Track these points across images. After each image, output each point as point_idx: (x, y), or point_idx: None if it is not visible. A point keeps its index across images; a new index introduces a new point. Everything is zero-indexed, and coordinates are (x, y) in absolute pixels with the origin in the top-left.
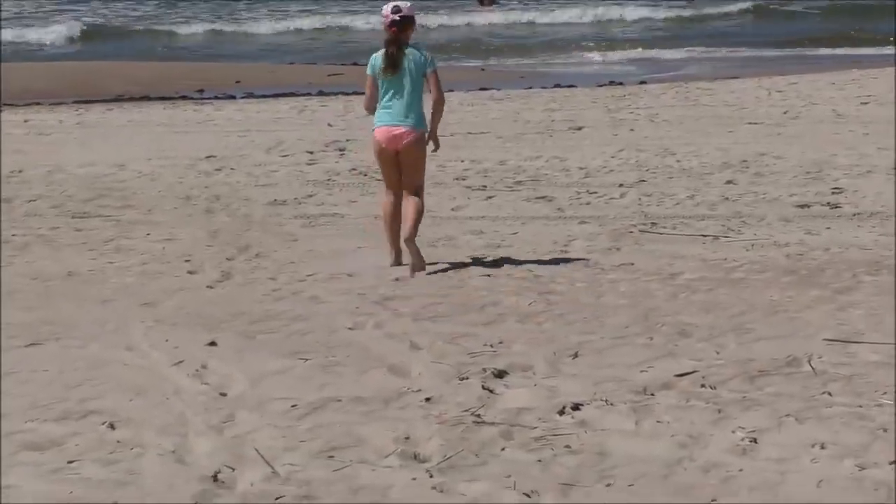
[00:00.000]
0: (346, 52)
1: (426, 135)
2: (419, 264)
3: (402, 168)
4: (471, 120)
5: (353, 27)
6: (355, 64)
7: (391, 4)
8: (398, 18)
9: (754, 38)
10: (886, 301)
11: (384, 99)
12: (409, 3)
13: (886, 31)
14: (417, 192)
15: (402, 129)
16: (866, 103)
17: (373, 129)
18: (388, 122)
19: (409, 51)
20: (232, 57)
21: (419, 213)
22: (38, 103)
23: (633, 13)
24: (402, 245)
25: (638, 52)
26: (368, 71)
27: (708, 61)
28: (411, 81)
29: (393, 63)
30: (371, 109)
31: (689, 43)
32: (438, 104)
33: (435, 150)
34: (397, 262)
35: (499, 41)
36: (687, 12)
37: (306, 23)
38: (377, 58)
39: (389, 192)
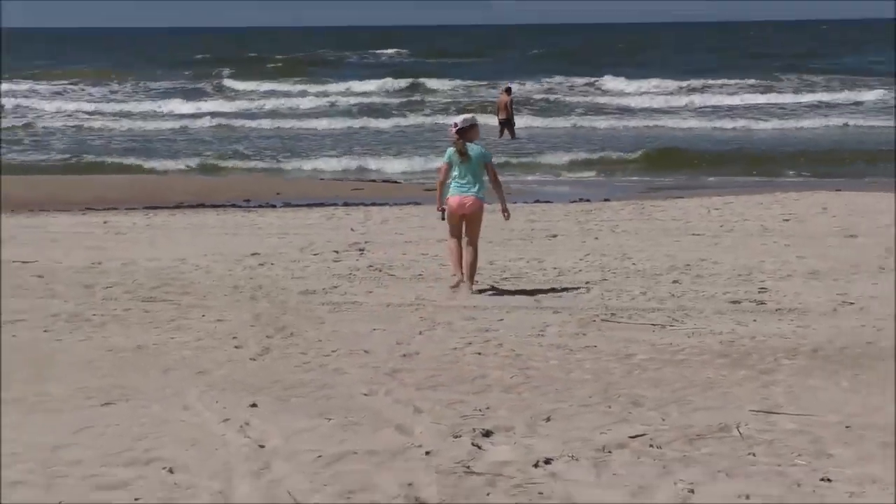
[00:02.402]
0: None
1: (484, 203)
2: (470, 288)
3: (467, 224)
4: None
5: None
6: (373, 181)
7: (454, 119)
8: (461, 128)
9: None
10: (802, 380)
11: (457, 177)
12: (468, 116)
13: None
14: (474, 242)
15: (471, 198)
16: (788, 220)
17: (446, 198)
18: (459, 192)
19: (473, 146)
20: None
21: (476, 260)
22: (115, 208)
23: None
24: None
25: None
26: (445, 159)
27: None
28: (475, 166)
29: (462, 154)
30: (442, 185)
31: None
32: (498, 185)
33: (507, 218)
34: (457, 282)
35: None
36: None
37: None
38: (451, 151)
39: (453, 238)
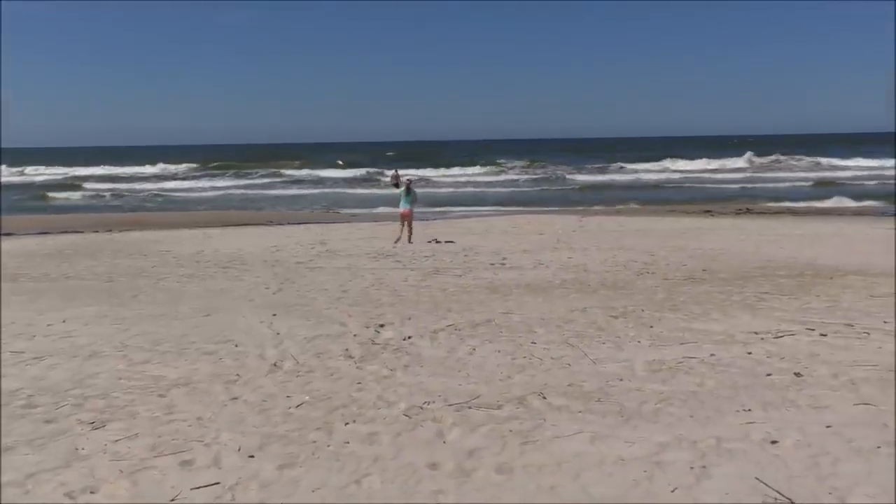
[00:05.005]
0: (326, 203)
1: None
2: (408, 242)
3: (407, 222)
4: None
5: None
6: (336, 212)
7: (406, 178)
8: (408, 181)
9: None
10: (521, 298)
11: (402, 200)
12: (406, 179)
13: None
14: (411, 226)
15: (409, 209)
16: (514, 227)
17: (399, 209)
18: (403, 206)
19: (409, 190)
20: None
21: (412, 233)
22: (209, 227)
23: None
24: (403, 240)
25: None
26: (400, 193)
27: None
28: (411, 196)
29: (406, 191)
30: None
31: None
32: (415, 203)
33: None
34: (397, 242)
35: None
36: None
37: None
38: (401, 190)
39: (400, 228)
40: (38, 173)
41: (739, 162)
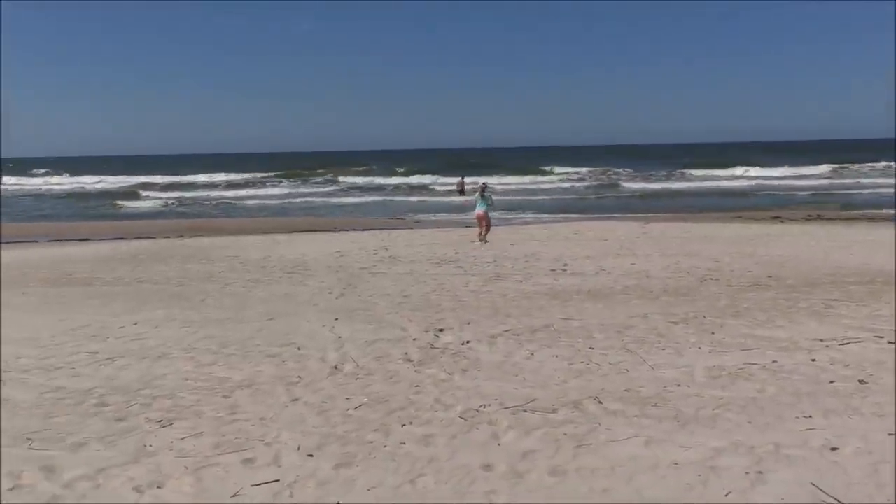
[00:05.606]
0: (389, 212)
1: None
2: (484, 241)
3: (482, 222)
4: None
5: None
6: (400, 218)
7: (482, 182)
8: (482, 186)
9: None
10: (582, 304)
11: (478, 203)
12: (481, 185)
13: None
14: (487, 226)
15: (483, 212)
16: (576, 233)
17: (475, 211)
18: (479, 209)
19: (484, 194)
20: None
21: (486, 232)
22: (276, 232)
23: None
24: (482, 238)
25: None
26: (476, 197)
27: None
28: (485, 200)
29: (462, 192)
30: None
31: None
32: (490, 206)
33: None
34: (478, 241)
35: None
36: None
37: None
38: (477, 195)
39: (479, 229)
40: (100, 181)
41: (814, 169)
